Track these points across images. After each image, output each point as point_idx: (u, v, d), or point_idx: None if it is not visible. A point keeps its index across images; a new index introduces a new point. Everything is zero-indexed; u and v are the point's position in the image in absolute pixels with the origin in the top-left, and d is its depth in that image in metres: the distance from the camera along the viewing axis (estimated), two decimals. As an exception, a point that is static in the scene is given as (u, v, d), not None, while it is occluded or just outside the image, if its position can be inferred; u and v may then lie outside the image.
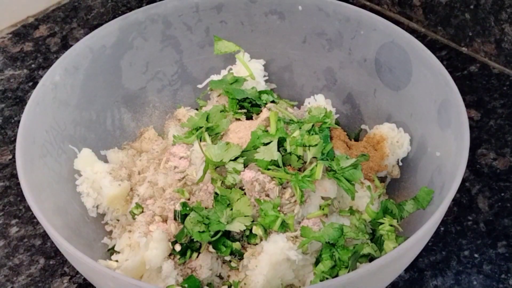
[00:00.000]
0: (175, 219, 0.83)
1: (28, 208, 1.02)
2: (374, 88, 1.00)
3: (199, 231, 0.79)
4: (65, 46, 1.32)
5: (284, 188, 0.83)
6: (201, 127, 0.93)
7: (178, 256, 0.81)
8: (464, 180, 1.03)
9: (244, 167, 0.85)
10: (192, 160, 0.89)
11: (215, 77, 1.05)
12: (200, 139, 0.93)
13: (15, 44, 1.34)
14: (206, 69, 1.08)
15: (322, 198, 0.84)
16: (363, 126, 1.03)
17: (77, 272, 0.93)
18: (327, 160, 0.86)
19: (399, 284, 0.91)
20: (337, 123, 1.04)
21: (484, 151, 1.07)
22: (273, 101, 1.00)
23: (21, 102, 1.20)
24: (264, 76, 1.06)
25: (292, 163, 0.86)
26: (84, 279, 0.92)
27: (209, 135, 0.92)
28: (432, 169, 0.86)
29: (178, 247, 0.81)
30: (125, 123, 1.03)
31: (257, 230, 0.81)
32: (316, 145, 0.85)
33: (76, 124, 0.94)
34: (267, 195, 0.83)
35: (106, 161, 0.97)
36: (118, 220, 0.93)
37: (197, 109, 1.05)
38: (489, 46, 1.20)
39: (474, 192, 1.02)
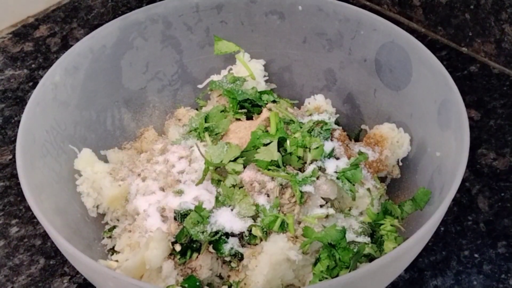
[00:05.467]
0: (175, 219, 0.83)
1: (28, 208, 1.02)
2: (374, 88, 1.00)
3: (198, 231, 0.80)
4: (65, 46, 1.32)
5: (284, 188, 0.83)
6: (201, 127, 0.93)
7: (178, 256, 0.81)
8: (464, 180, 1.03)
9: (244, 167, 0.85)
10: (192, 160, 0.90)
11: (215, 77, 1.05)
12: (200, 139, 0.94)
13: (15, 44, 1.34)
14: (206, 69, 1.07)
15: (323, 199, 0.84)
16: (363, 126, 1.03)
17: (77, 272, 0.93)
18: (328, 160, 0.86)
19: (399, 284, 0.91)
20: (337, 123, 1.03)
21: (484, 151, 1.07)
22: (274, 101, 1.00)
23: (21, 102, 1.20)
24: (264, 76, 1.06)
25: (292, 163, 0.86)
26: (84, 279, 0.92)
27: (209, 135, 0.92)
28: (432, 169, 0.86)
29: (178, 247, 0.80)
30: (125, 123, 1.03)
31: (256, 231, 0.81)
32: (317, 148, 0.85)
33: (76, 124, 0.94)
34: (267, 195, 0.83)
35: (106, 161, 0.97)
36: (118, 220, 0.93)
37: (197, 109, 1.05)
38: (489, 46, 1.20)
39: (474, 192, 1.02)
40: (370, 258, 0.82)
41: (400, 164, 0.95)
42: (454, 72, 1.20)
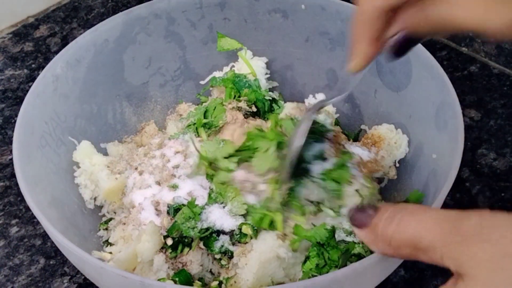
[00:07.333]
0: (168, 213, 0.83)
1: (28, 208, 1.01)
2: (375, 89, 0.99)
3: (189, 227, 0.79)
4: (65, 46, 1.30)
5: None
6: (199, 122, 0.93)
7: (170, 250, 0.81)
8: (464, 180, 1.02)
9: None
10: (187, 155, 0.89)
11: (217, 74, 1.06)
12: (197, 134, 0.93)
13: (15, 44, 1.34)
14: (209, 65, 1.08)
15: (307, 200, 0.84)
16: (362, 127, 1.03)
17: (78, 272, 0.93)
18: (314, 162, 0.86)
19: (399, 284, 0.90)
20: (337, 123, 1.03)
21: (484, 151, 1.07)
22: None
23: (21, 102, 1.17)
24: (266, 74, 1.06)
25: None
26: (84, 279, 0.92)
27: (208, 129, 0.92)
28: (428, 171, 0.85)
29: (169, 241, 0.80)
30: (126, 117, 1.03)
31: (246, 230, 0.80)
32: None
33: (77, 117, 0.94)
34: (258, 195, 0.83)
35: (106, 154, 0.97)
36: (115, 213, 0.93)
37: (199, 105, 1.05)
38: (489, 46, 1.20)
39: (474, 192, 1.01)
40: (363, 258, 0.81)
41: (397, 165, 0.95)
42: (454, 72, 1.20)
